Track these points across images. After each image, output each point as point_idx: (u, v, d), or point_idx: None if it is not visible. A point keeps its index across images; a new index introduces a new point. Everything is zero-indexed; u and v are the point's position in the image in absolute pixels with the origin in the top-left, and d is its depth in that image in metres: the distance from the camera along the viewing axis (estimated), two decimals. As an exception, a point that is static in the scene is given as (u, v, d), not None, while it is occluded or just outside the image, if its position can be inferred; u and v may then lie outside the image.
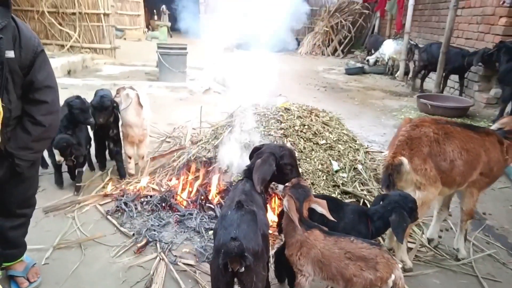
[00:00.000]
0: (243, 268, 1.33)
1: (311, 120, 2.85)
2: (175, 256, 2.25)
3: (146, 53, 9.76)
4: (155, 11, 15.88)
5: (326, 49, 13.55)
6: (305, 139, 2.72)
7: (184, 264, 2.18)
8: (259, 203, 1.60)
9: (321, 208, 1.65)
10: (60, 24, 8.92)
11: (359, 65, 10.31)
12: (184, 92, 6.25)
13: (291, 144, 2.67)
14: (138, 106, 2.83)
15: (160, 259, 2.20)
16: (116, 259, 2.21)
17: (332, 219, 1.67)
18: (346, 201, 2.52)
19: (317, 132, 2.77)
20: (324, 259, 1.57)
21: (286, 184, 1.74)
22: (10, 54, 1.31)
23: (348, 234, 1.72)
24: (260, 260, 1.44)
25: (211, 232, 2.48)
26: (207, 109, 5.45)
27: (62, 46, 8.99)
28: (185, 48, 6.84)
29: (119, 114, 2.94)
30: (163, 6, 14.28)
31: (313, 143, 2.71)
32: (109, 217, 2.59)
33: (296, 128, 2.75)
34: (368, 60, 10.16)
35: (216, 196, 2.68)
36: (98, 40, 9.08)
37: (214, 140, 2.94)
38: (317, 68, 10.50)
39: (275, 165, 1.73)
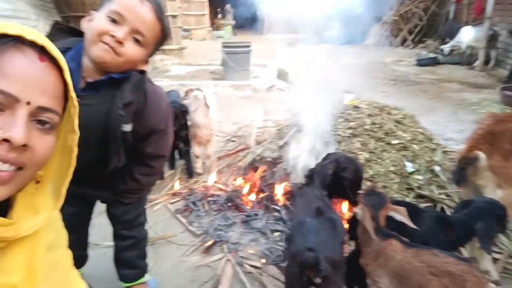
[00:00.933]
0: (319, 279, 1.28)
1: (383, 119, 2.68)
2: (242, 257, 2.24)
3: (211, 52, 10.01)
4: (219, 10, 16.25)
5: (395, 39, 12.83)
6: (376, 138, 2.56)
7: (250, 266, 2.17)
8: (334, 210, 1.52)
9: (400, 215, 1.52)
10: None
11: (431, 55, 9.60)
12: (248, 90, 6.29)
13: (360, 144, 2.53)
14: (206, 107, 2.87)
15: (227, 259, 2.21)
16: (185, 258, 2.26)
17: (414, 227, 1.54)
18: (422, 205, 2.34)
19: (389, 131, 2.60)
20: (403, 273, 1.44)
21: (360, 191, 1.63)
22: (127, 128, 1.28)
23: (426, 243, 1.58)
24: (338, 270, 1.38)
25: (276, 233, 2.44)
26: (270, 107, 5.44)
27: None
28: (249, 46, 6.88)
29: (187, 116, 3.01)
30: (228, 5, 14.56)
31: (385, 143, 2.54)
32: (178, 215, 2.67)
33: (366, 127, 2.60)
34: (442, 50, 9.42)
35: (281, 198, 2.64)
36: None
37: (279, 140, 2.89)
38: (385, 60, 9.97)
39: (331, 174, 1.63)
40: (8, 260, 0.60)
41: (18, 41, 0.56)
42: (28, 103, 0.56)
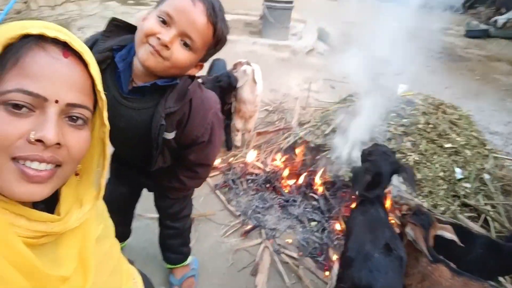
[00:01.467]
0: None
1: (437, 118, 2.56)
2: (279, 245, 2.30)
3: (250, 0, 9.57)
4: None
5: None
6: (428, 139, 2.47)
7: (287, 255, 2.23)
8: (397, 236, 1.50)
9: (449, 233, 1.51)
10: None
11: (483, 26, 8.93)
12: (287, 52, 6.06)
13: (411, 144, 2.45)
14: (253, 83, 2.79)
15: (265, 246, 2.27)
16: (225, 239, 2.33)
17: (461, 245, 1.52)
18: (466, 215, 2.30)
19: (442, 133, 2.49)
20: (449, 300, 1.46)
21: (405, 212, 1.59)
22: (170, 136, 1.24)
23: (475, 268, 1.57)
24: None
25: (313, 223, 2.47)
26: (309, 74, 5.27)
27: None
28: (291, 2, 6.52)
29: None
30: None
31: (437, 146, 2.46)
32: (217, 191, 2.71)
33: (420, 126, 2.50)
34: (496, 21, 8.73)
35: (320, 187, 2.63)
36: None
37: (324, 126, 2.82)
38: (432, 26, 9.35)
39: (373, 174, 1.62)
40: (60, 252, 0.63)
41: (40, 39, 0.56)
42: (57, 101, 0.56)
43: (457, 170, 2.41)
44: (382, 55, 3.38)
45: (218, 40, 1.15)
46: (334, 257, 2.19)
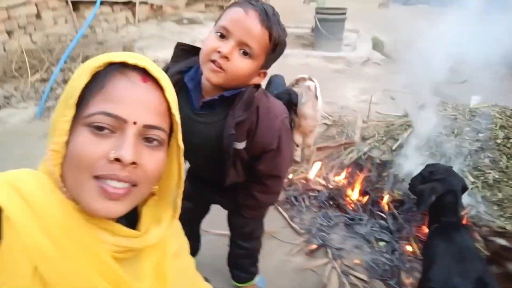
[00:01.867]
0: None
1: (518, 132, 2.37)
2: (346, 265, 2.22)
3: (299, 12, 9.60)
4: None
5: None
6: (509, 155, 2.28)
7: (355, 277, 2.14)
8: (488, 269, 1.38)
9: None
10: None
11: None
12: (341, 63, 5.97)
13: (489, 160, 2.27)
14: (315, 99, 2.76)
15: (332, 267, 2.20)
16: (290, 257, 2.29)
17: None
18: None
19: (525, 149, 2.29)
20: None
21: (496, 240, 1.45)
22: (240, 146, 1.26)
23: None
24: None
25: (381, 243, 2.36)
26: (366, 86, 5.14)
27: (222, 7, 9.49)
28: (344, 13, 6.44)
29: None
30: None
31: (519, 162, 2.26)
32: (279, 208, 2.69)
33: (498, 141, 2.31)
34: None
35: (388, 205, 2.52)
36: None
37: (389, 140, 2.71)
38: (495, 29, 8.77)
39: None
40: (139, 267, 0.66)
41: (122, 66, 0.61)
42: (135, 122, 0.59)
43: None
44: (443, 63, 3.21)
45: (275, 44, 1.17)
46: (407, 281, 2.07)
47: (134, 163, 0.59)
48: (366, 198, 2.63)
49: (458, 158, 2.31)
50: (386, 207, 2.52)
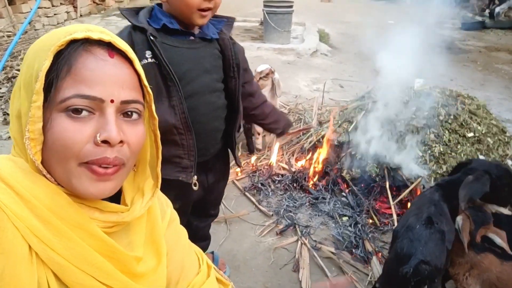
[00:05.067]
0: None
1: (457, 109, 2.64)
2: (315, 241, 2.36)
3: (247, 7, 9.69)
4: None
5: (436, -4, 12.05)
6: (450, 130, 2.55)
7: (325, 250, 2.29)
8: (447, 217, 1.56)
9: (500, 240, 1.56)
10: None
11: (478, 18, 9.08)
12: (291, 54, 6.16)
13: (434, 135, 2.52)
14: (275, 89, 2.87)
15: (302, 243, 2.33)
16: (262, 238, 2.39)
17: (511, 253, 1.57)
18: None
19: (464, 123, 2.57)
20: (500, 284, 1.52)
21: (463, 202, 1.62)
22: None
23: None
24: (439, 277, 1.46)
25: (345, 218, 2.54)
26: (316, 75, 5.36)
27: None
28: (291, 6, 6.62)
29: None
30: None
31: (459, 136, 2.53)
32: (247, 193, 2.78)
33: (441, 118, 2.57)
34: (494, 12, 8.85)
35: (347, 183, 2.70)
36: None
37: (346, 123, 2.90)
38: (426, 21, 9.48)
39: (489, 186, 1.57)
40: (131, 238, 0.68)
41: (86, 43, 0.58)
42: (112, 100, 0.59)
43: (481, 157, 2.48)
44: (383, 52, 3.47)
45: None
46: (371, 249, 2.26)
47: (121, 141, 0.60)
48: (327, 178, 2.80)
49: (407, 135, 2.54)
50: (345, 185, 2.71)
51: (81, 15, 7.16)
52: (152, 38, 1.21)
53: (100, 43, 0.60)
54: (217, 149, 1.53)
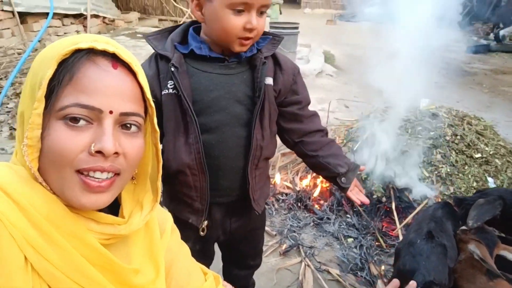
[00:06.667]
0: None
1: (464, 129, 2.61)
2: (319, 262, 2.30)
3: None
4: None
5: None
6: (457, 151, 2.51)
7: (329, 272, 2.22)
8: (449, 233, 1.52)
9: None
10: (175, 1, 9.40)
11: (483, 42, 9.15)
12: (297, 75, 6.20)
13: (441, 156, 2.49)
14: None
15: (306, 265, 2.27)
16: (265, 258, 2.33)
17: None
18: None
19: (471, 144, 2.54)
20: (512, 310, 1.45)
21: (464, 227, 1.59)
22: (269, 80, 1.22)
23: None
24: None
25: (350, 239, 2.48)
26: (321, 96, 5.38)
27: (176, 22, 9.51)
28: (297, 27, 6.72)
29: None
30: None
31: (467, 156, 2.49)
32: (250, 213, 2.73)
33: (447, 138, 2.54)
34: (498, 35, 8.93)
35: (352, 203, 2.65)
36: (208, 16, 9.42)
37: (349, 143, 2.87)
38: (432, 44, 9.56)
39: (500, 210, 1.52)
40: (129, 250, 0.67)
41: (91, 53, 0.58)
42: (111, 112, 0.59)
43: (490, 179, 2.43)
44: (389, 74, 3.48)
45: None
46: (376, 272, 2.19)
47: (116, 153, 0.59)
48: (332, 198, 2.76)
49: (413, 155, 2.51)
50: (350, 206, 2.66)
51: (90, 35, 7.31)
52: (172, 69, 1.11)
53: (105, 53, 0.60)
54: (245, 189, 1.28)
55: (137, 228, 0.67)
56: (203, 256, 1.44)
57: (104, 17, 7.89)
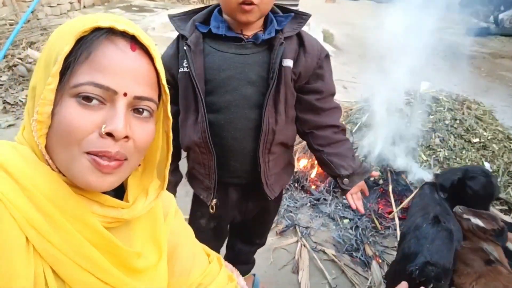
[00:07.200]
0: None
1: (463, 114, 2.61)
2: (315, 242, 2.33)
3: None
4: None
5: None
6: (455, 135, 2.52)
7: (325, 252, 2.26)
8: (453, 216, 1.54)
9: None
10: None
11: (483, 24, 9.06)
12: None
13: (439, 140, 2.49)
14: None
15: (302, 244, 2.30)
16: (261, 238, 2.35)
17: None
18: (497, 208, 2.35)
19: (469, 128, 2.54)
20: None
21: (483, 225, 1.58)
22: (288, 62, 1.17)
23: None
24: (448, 277, 1.43)
25: (346, 221, 2.51)
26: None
27: (173, -5, 9.27)
28: (296, 5, 6.58)
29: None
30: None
31: (465, 141, 2.50)
32: (247, 192, 2.74)
33: (447, 122, 2.54)
34: (497, 18, 8.84)
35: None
36: (206, -9, 9.19)
37: (349, 124, 2.86)
38: (431, 26, 9.46)
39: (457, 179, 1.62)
40: (131, 234, 0.67)
41: (110, 32, 0.57)
42: (125, 94, 0.57)
43: (486, 164, 2.45)
44: (387, 55, 3.44)
45: None
46: (371, 253, 2.22)
47: (126, 136, 0.58)
48: (328, 179, 2.76)
49: (412, 139, 2.51)
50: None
51: (84, 7, 7.11)
52: (185, 48, 1.12)
53: (124, 35, 0.58)
54: (257, 173, 1.26)
55: (139, 214, 0.66)
56: (215, 235, 1.49)
57: (98, -11, 7.66)
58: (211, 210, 1.30)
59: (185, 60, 1.14)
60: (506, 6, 9.10)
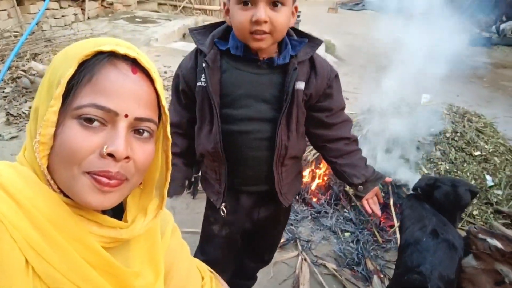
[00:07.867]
0: None
1: (464, 126, 2.61)
2: (316, 256, 2.32)
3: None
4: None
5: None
6: (457, 148, 2.51)
7: (326, 267, 2.24)
8: (450, 225, 1.54)
9: None
10: (175, -15, 9.25)
11: (485, 34, 9.07)
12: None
13: (440, 153, 2.49)
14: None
15: (303, 258, 2.28)
16: (262, 252, 2.34)
17: None
18: (500, 222, 2.33)
19: (470, 141, 2.53)
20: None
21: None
22: (300, 85, 1.21)
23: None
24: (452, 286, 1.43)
25: (347, 234, 2.49)
26: (322, 86, 5.33)
27: (175, 6, 9.36)
28: (298, 16, 6.63)
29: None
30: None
31: (466, 154, 2.49)
32: (248, 205, 2.73)
33: (447, 135, 2.54)
34: (499, 29, 8.85)
35: (349, 198, 2.66)
36: (208, 2, 9.27)
37: (350, 136, 2.86)
38: (433, 35, 9.49)
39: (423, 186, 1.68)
40: (129, 254, 0.67)
41: (112, 56, 0.59)
42: (126, 115, 0.59)
43: (488, 177, 2.44)
44: (388, 65, 3.45)
45: None
46: (372, 267, 2.21)
47: (127, 157, 0.59)
48: (330, 192, 2.76)
49: (412, 152, 2.50)
50: (348, 200, 2.66)
51: (88, 18, 7.19)
52: (204, 65, 1.17)
53: (126, 58, 0.60)
54: (272, 182, 1.32)
55: (138, 234, 0.67)
56: (228, 245, 1.52)
57: (103, 0, 7.76)
58: (222, 213, 1.36)
59: (203, 75, 1.20)
60: (508, 16, 9.11)
